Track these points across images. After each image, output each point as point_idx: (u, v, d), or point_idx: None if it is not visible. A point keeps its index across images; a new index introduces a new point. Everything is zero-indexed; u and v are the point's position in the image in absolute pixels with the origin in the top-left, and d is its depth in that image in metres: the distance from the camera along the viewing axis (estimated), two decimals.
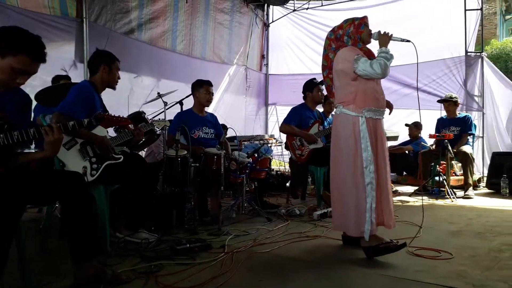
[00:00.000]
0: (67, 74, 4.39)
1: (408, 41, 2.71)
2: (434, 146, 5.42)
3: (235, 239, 2.99)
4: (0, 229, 1.71)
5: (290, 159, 4.69)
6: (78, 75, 4.75)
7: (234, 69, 7.58)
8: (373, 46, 2.76)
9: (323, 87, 4.82)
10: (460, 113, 5.55)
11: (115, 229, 2.89)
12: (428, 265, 2.40)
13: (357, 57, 2.59)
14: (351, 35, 2.69)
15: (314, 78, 4.63)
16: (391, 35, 2.67)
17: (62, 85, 3.68)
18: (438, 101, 5.58)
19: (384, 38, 2.66)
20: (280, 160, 6.84)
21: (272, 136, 5.90)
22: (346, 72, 2.63)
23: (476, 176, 5.74)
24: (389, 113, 2.91)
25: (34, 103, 3.42)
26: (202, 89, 4.01)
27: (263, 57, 8.56)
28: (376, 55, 2.68)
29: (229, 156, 3.71)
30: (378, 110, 2.65)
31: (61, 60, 4.65)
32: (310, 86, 4.55)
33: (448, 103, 5.42)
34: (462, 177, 5.35)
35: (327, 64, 2.83)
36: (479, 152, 6.39)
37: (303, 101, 4.66)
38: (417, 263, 2.43)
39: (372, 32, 2.71)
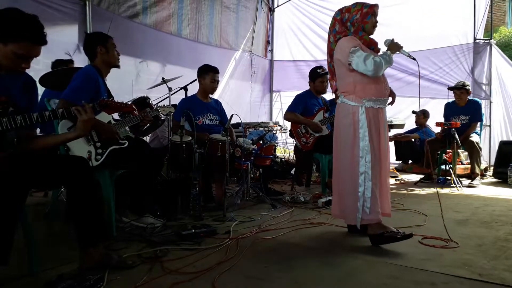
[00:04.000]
0: (71, 58, 4.35)
1: (413, 58, 2.71)
2: (441, 134, 5.31)
3: (240, 225, 2.99)
4: (4, 213, 1.71)
5: (295, 146, 4.66)
6: (82, 59, 4.70)
7: (239, 55, 7.50)
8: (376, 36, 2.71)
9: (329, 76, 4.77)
10: (469, 99, 5.40)
11: (120, 214, 2.90)
12: (434, 253, 2.39)
13: (354, 49, 2.54)
14: (355, 23, 2.63)
15: (320, 67, 4.53)
16: (402, 47, 2.67)
17: (66, 69, 3.65)
18: (449, 88, 5.43)
19: (394, 47, 2.65)
20: (285, 147, 6.81)
21: (276, 123, 5.86)
22: (342, 62, 2.62)
23: (482, 165, 5.68)
24: (391, 103, 2.82)
25: (40, 87, 3.43)
26: (208, 76, 3.94)
27: (268, 42, 8.45)
28: (378, 45, 2.66)
29: (233, 142, 3.69)
30: (379, 99, 2.62)
31: (65, 44, 4.60)
32: (313, 76, 4.48)
33: (461, 91, 5.29)
34: (469, 166, 5.31)
35: (328, 47, 2.79)
36: (485, 141, 6.33)
37: (307, 88, 4.61)
38: (423, 251, 2.42)
39: (377, 22, 2.67)
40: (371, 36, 2.68)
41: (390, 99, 2.79)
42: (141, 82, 5.36)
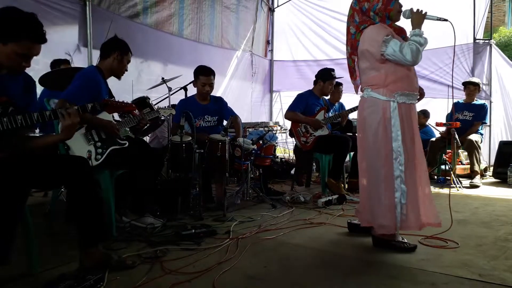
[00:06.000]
0: (65, 58, 4.35)
1: (445, 20, 2.44)
2: (446, 132, 5.25)
3: (240, 225, 2.99)
4: (5, 214, 1.71)
5: (295, 146, 4.66)
6: (82, 59, 4.72)
7: (240, 55, 7.50)
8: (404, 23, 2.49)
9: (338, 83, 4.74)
10: (477, 99, 5.45)
11: (120, 214, 2.90)
12: (434, 254, 2.39)
13: (387, 38, 2.30)
14: (378, 12, 2.38)
15: (333, 70, 4.49)
16: (425, 13, 2.38)
17: (66, 70, 3.65)
18: (464, 83, 5.47)
19: (418, 17, 2.37)
20: (285, 147, 6.82)
21: (276, 123, 5.86)
22: (373, 53, 2.35)
23: (482, 165, 5.69)
24: (419, 99, 2.53)
25: (39, 87, 3.43)
26: (199, 80, 3.88)
27: (268, 42, 8.46)
28: (408, 36, 2.40)
29: (238, 135, 3.65)
30: (411, 94, 2.39)
31: (65, 44, 4.61)
32: (325, 76, 4.42)
33: (476, 87, 5.35)
34: (468, 166, 5.31)
35: (348, 39, 2.52)
36: (485, 141, 6.33)
37: (308, 88, 4.61)
38: (422, 252, 2.42)
39: (403, 9, 2.42)
40: (398, 24, 2.45)
41: (419, 95, 2.53)
42: (142, 83, 5.36)
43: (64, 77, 3.26)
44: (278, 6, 8.42)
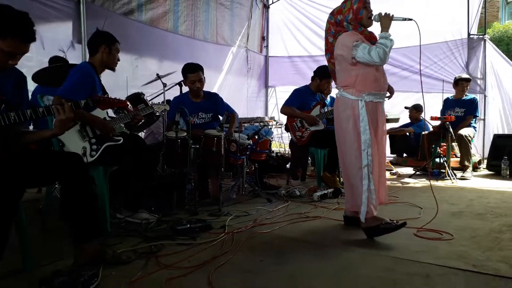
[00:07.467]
0: (64, 57, 4.33)
1: (410, 19, 2.67)
2: (438, 127, 5.31)
3: (236, 219, 2.99)
4: (0, 211, 1.70)
5: (291, 140, 4.67)
6: (76, 56, 4.68)
7: (235, 51, 7.50)
8: (376, 27, 2.70)
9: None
10: (467, 94, 5.50)
11: (115, 210, 2.89)
12: (429, 245, 2.40)
13: (356, 43, 2.57)
14: (351, 21, 2.66)
15: None
16: (392, 15, 2.64)
17: (59, 66, 3.63)
18: (456, 80, 5.52)
19: (386, 20, 2.63)
20: (280, 141, 6.83)
21: (272, 118, 5.86)
22: (345, 57, 2.64)
23: (476, 158, 5.74)
24: (389, 98, 2.89)
25: (32, 84, 3.42)
26: (188, 79, 3.84)
27: (263, 38, 8.46)
28: (377, 38, 2.65)
29: (229, 130, 3.64)
30: (378, 94, 2.66)
31: (59, 41, 4.57)
32: (323, 75, 4.40)
33: (468, 82, 5.42)
34: None
35: (328, 48, 2.84)
36: (480, 134, 6.37)
37: (303, 83, 4.61)
38: (417, 244, 2.44)
39: (373, 14, 2.68)
40: (370, 30, 2.71)
41: (388, 93, 2.84)
42: (137, 79, 5.34)
43: (57, 74, 3.25)
44: (273, 2, 8.41)
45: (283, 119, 4.87)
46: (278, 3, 8.32)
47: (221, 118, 3.95)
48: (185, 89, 4.27)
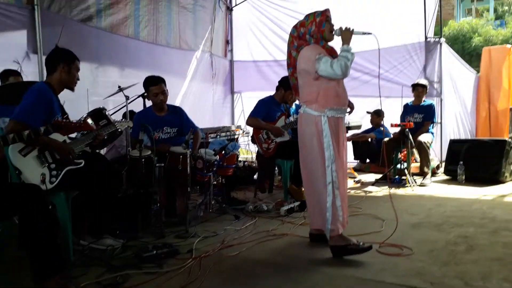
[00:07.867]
0: (17, 70, 4.13)
1: (369, 33, 2.77)
2: (398, 134, 5.47)
3: (203, 241, 2.98)
4: None
5: (257, 153, 4.68)
6: (31, 67, 4.48)
7: (199, 56, 7.39)
8: (338, 42, 2.74)
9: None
10: (425, 100, 5.64)
11: (78, 237, 2.81)
12: (390, 262, 2.50)
13: (319, 56, 2.59)
14: (313, 34, 2.70)
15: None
16: (353, 30, 2.68)
17: (16, 84, 3.47)
18: (413, 85, 5.63)
19: (346, 34, 2.67)
20: (247, 149, 6.82)
21: (238, 126, 5.86)
22: (308, 71, 2.64)
23: (435, 163, 5.93)
24: (349, 113, 2.97)
25: None
26: (151, 92, 3.75)
27: (228, 42, 8.38)
28: (338, 53, 2.69)
29: (194, 149, 3.61)
30: (340, 109, 2.70)
31: (13, 51, 4.35)
32: (287, 85, 4.31)
33: (423, 88, 5.54)
34: None
35: (290, 62, 2.83)
36: (437, 138, 6.56)
37: (268, 88, 4.60)
38: (380, 261, 2.53)
39: (334, 28, 2.73)
40: (331, 44, 2.76)
41: (349, 109, 2.91)
42: (98, 88, 5.18)
43: (14, 92, 3.10)
44: (236, 5, 8.31)
45: (250, 128, 4.86)
46: (242, 5, 8.22)
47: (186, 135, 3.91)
48: (149, 103, 4.19)
